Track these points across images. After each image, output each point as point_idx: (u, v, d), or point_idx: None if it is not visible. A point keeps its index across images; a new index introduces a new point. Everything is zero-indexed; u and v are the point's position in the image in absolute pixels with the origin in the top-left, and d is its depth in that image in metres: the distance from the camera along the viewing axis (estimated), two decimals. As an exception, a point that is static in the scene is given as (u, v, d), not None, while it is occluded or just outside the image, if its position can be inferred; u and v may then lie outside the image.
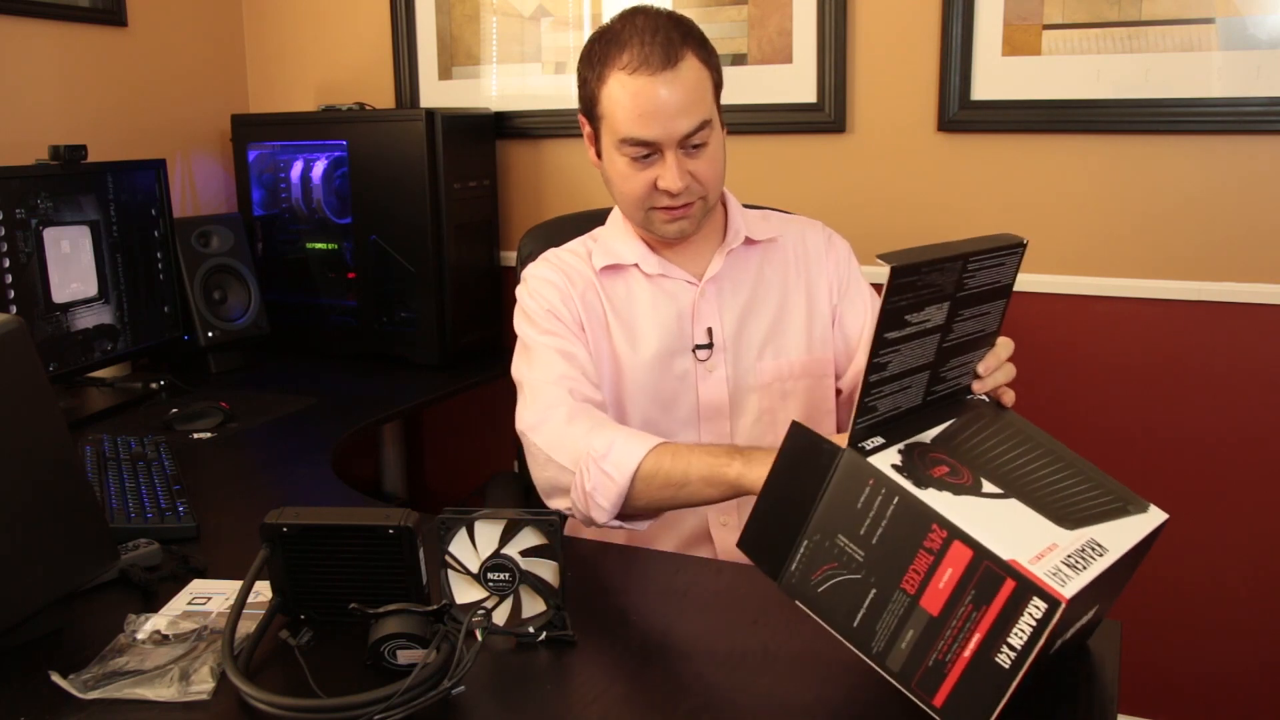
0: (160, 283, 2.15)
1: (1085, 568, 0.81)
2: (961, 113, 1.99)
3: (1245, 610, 1.94)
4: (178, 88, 2.47)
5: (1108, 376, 1.97)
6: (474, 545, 0.99)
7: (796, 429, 0.92)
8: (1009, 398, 1.08)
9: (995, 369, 1.06)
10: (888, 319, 0.87)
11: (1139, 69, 1.86)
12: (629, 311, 1.43)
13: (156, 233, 2.14)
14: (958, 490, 0.87)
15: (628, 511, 1.25)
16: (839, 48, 2.05)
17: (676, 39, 1.29)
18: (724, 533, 1.41)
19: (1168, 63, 1.84)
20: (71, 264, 1.92)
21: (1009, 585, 0.79)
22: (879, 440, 0.90)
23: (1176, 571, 1.95)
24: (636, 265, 1.43)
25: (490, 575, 0.99)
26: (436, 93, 2.46)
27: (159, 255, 2.14)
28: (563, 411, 1.29)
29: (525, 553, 0.99)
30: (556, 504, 1.31)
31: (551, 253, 1.49)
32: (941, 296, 0.92)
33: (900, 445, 0.91)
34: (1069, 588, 0.77)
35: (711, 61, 1.35)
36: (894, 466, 0.87)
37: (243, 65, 2.65)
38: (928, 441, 0.93)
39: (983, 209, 2.02)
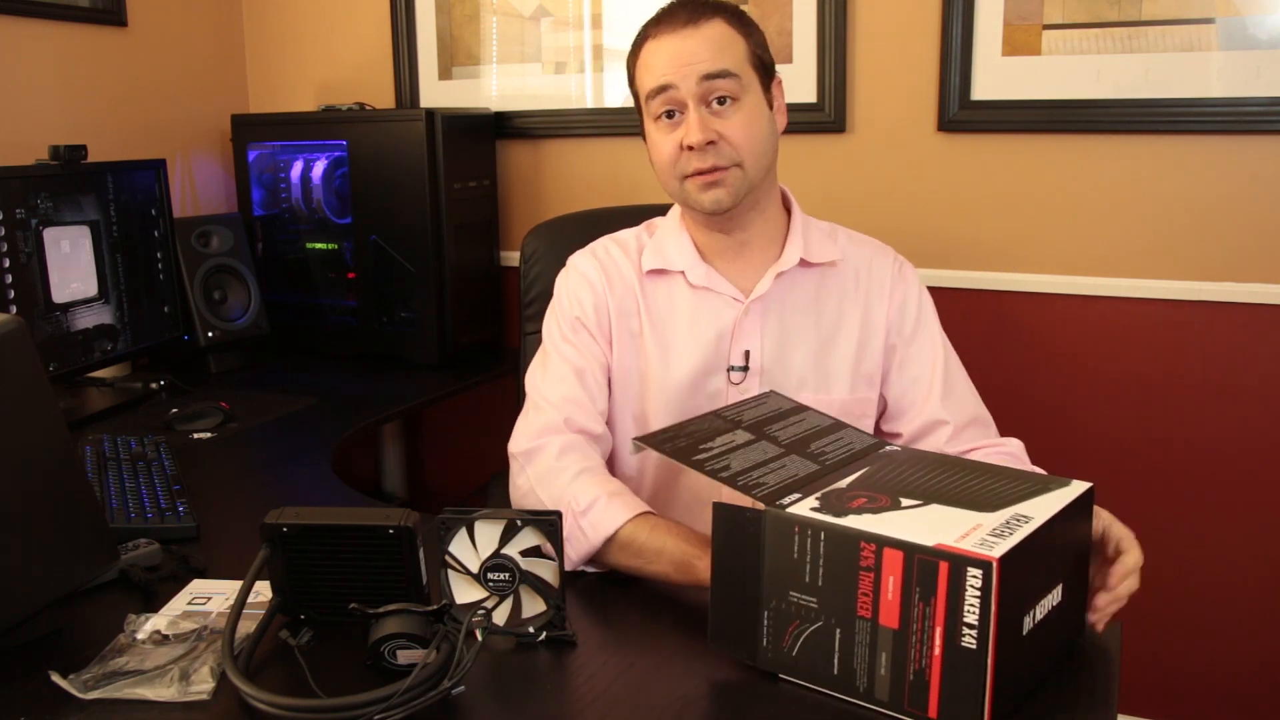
0: (160, 283, 2.15)
1: (1011, 534, 0.85)
2: (961, 113, 1.99)
3: (1245, 610, 1.94)
4: (178, 88, 2.47)
5: (1107, 376, 1.97)
6: (474, 545, 0.99)
7: (718, 509, 0.95)
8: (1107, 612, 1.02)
9: (1121, 582, 1.01)
10: (677, 456, 1.03)
11: (1139, 69, 1.86)
12: (667, 324, 1.36)
13: (156, 233, 2.14)
14: (877, 511, 0.91)
15: (593, 563, 1.20)
16: (839, 48, 2.05)
17: (707, 7, 1.28)
18: None
19: (1168, 63, 1.84)
20: (71, 264, 1.92)
21: (944, 567, 0.82)
22: (795, 495, 0.95)
23: (1176, 571, 1.95)
24: (683, 274, 1.35)
25: (490, 575, 0.99)
26: (436, 93, 2.46)
27: (159, 255, 2.14)
28: (555, 446, 1.25)
29: (525, 553, 0.99)
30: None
31: (603, 243, 1.42)
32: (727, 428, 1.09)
33: (817, 494, 0.96)
34: (996, 550, 0.81)
35: (748, 31, 1.30)
36: (813, 509, 0.92)
37: (243, 65, 2.66)
38: (844, 486, 0.98)
39: (983, 209, 2.02)
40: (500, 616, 1.00)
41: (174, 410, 1.81)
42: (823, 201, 2.09)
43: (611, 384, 1.37)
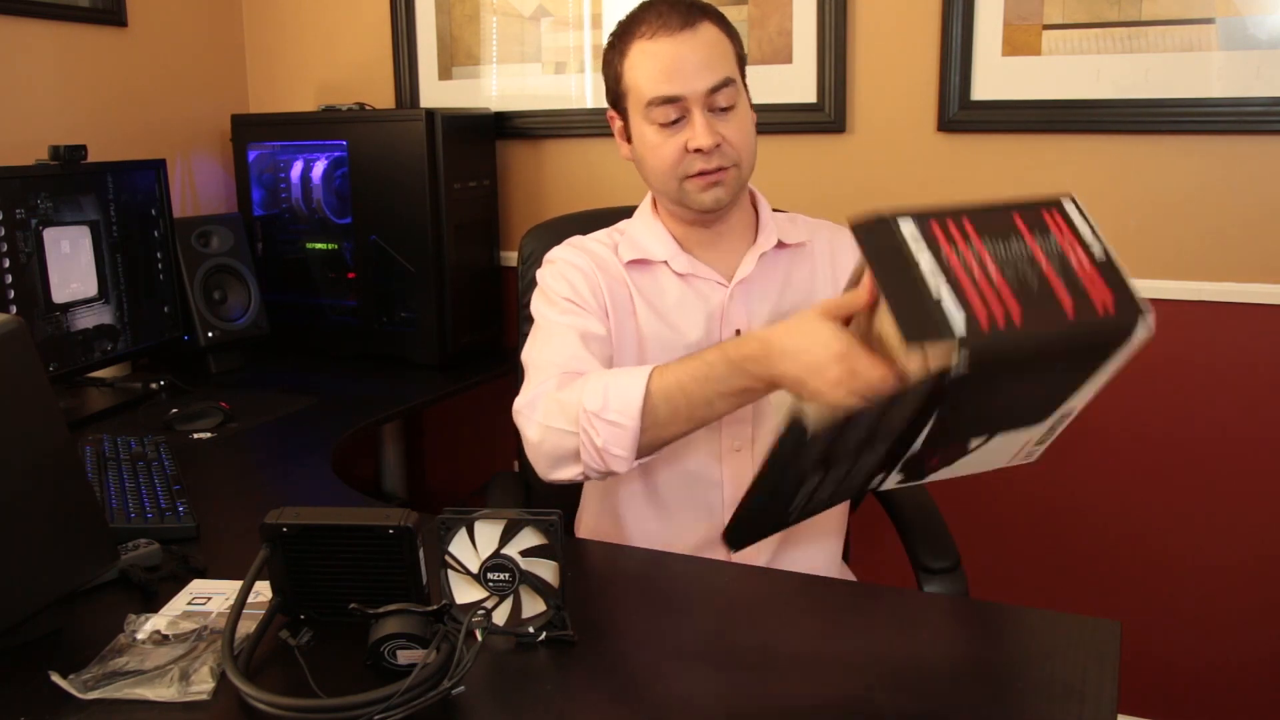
0: (160, 283, 2.15)
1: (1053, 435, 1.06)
2: (961, 113, 1.99)
3: (1245, 610, 1.94)
4: (178, 88, 2.47)
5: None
6: (474, 545, 0.99)
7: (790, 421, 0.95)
8: None
9: None
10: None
11: (1139, 69, 1.86)
12: (659, 307, 1.39)
13: (156, 233, 2.14)
14: (951, 462, 1.05)
15: (645, 449, 1.20)
16: (839, 48, 2.05)
17: (695, 9, 1.31)
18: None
19: (1168, 63, 1.84)
20: (71, 264, 1.92)
21: None
22: (880, 475, 1.05)
23: (1176, 571, 1.96)
24: (666, 263, 1.39)
25: (490, 575, 0.99)
26: (436, 93, 2.46)
27: (159, 255, 2.14)
28: (552, 383, 1.26)
29: (525, 553, 0.99)
30: (564, 474, 1.24)
31: (575, 240, 1.46)
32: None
33: (898, 466, 1.03)
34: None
35: (732, 34, 1.34)
36: (899, 483, 1.06)
37: (243, 65, 2.65)
38: (918, 449, 1.01)
39: (983, 209, 2.02)
40: (500, 616, 1.00)
41: (174, 410, 1.81)
42: (822, 201, 2.09)
43: (613, 355, 1.37)
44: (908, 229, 0.92)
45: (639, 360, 1.38)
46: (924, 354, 0.88)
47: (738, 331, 1.38)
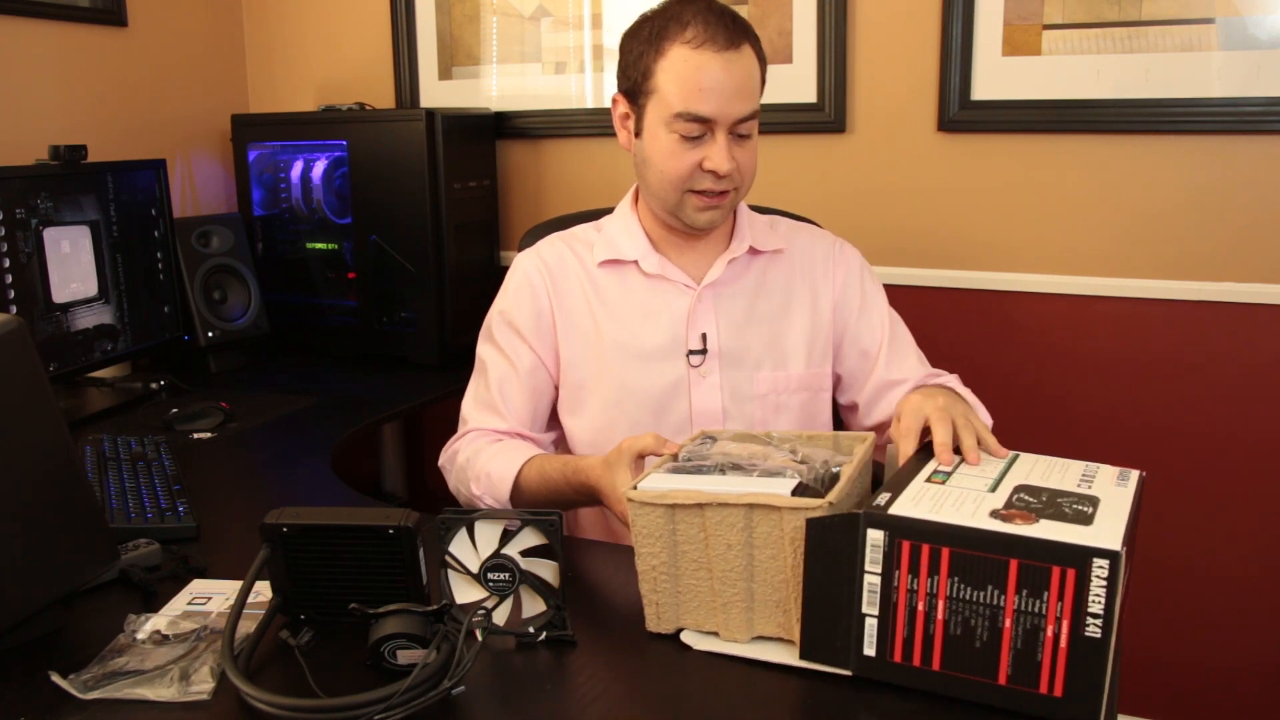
0: (160, 283, 2.15)
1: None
2: (961, 113, 1.99)
3: (1245, 610, 1.94)
4: (178, 88, 2.47)
5: (1108, 377, 1.97)
6: (474, 545, 0.99)
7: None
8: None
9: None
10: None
11: (1139, 69, 1.85)
12: (622, 312, 1.42)
13: (156, 233, 2.14)
14: None
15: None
16: (839, 48, 2.05)
17: (739, 27, 1.31)
18: None
19: (1168, 63, 1.84)
20: (71, 264, 1.92)
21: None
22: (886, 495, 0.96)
23: (1175, 570, 1.95)
24: (636, 263, 1.42)
25: (490, 575, 0.99)
26: (436, 93, 2.46)
27: (159, 255, 2.14)
28: (463, 444, 1.43)
29: (525, 553, 0.99)
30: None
31: (552, 240, 1.49)
32: None
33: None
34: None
35: (764, 61, 1.35)
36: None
37: (243, 65, 2.65)
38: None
39: (983, 209, 2.02)
40: (500, 616, 1.00)
41: (174, 410, 1.81)
42: (823, 201, 2.09)
43: (561, 380, 1.45)
44: (874, 538, 0.88)
45: (599, 364, 1.42)
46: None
47: (704, 336, 1.40)
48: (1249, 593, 1.93)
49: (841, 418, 1.53)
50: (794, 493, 0.97)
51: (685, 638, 1.00)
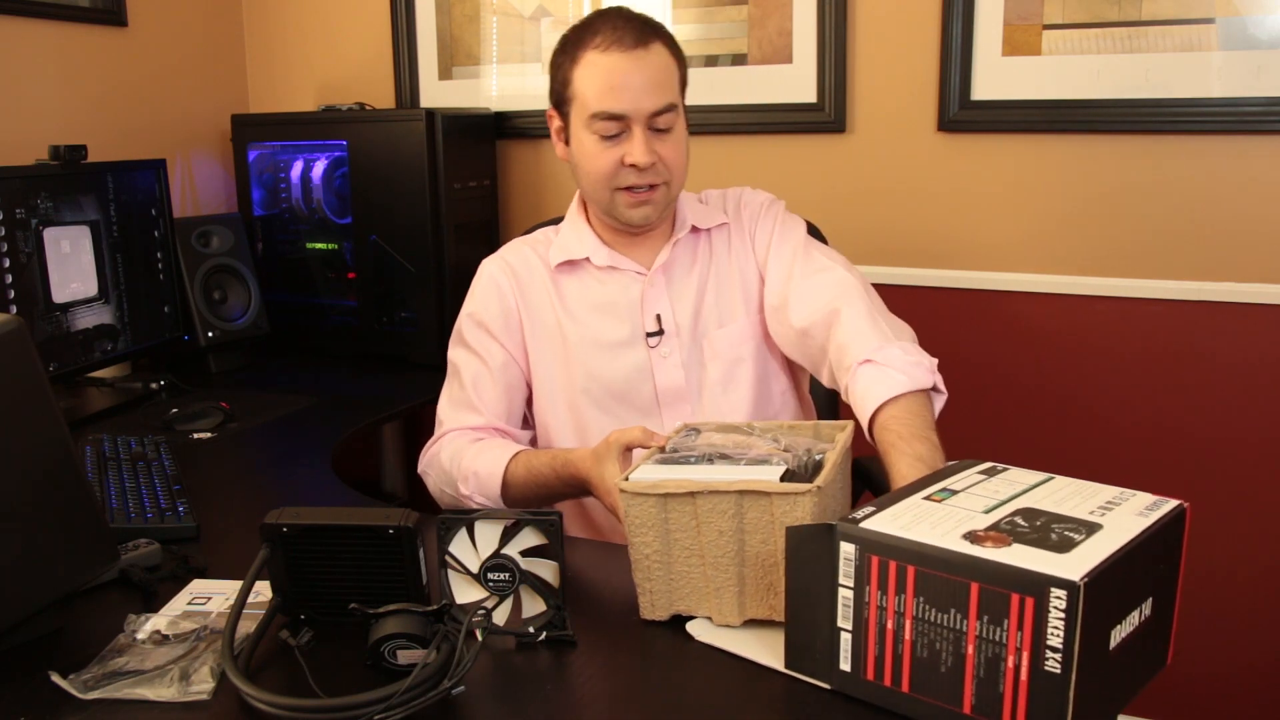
0: (160, 283, 2.15)
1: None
2: (961, 113, 1.99)
3: (1246, 610, 1.94)
4: (178, 88, 2.47)
5: (1108, 377, 1.97)
6: (474, 545, 0.99)
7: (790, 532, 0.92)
8: None
9: None
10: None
11: (1139, 69, 1.86)
12: (581, 309, 1.47)
13: (156, 233, 2.14)
14: None
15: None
16: (839, 48, 2.05)
17: (648, 28, 1.37)
18: None
19: (1168, 63, 1.84)
20: (71, 264, 1.92)
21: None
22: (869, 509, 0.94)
23: (1176, 571, 1.95)
24: (588, 259, 1.47)
25: (490, 575, 0.99)
26: (436, 93, 2.46)
27: (159, 255, 2.14)
28: (442, 444, 1.46)
29: (525, 553, 0.99)
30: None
31: (515, 244, 1.54)
32: None
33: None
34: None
35: (679, 57, 1.41)
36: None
37: (243, 65, 2.65)
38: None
39: (983, 209, 2.02)
40: (500, 616, 1.00)
41: (174, 410, 1.81)
42: (822, 201, 2.09)
43: (531, 377, 1.50)
44: (846, 551, 0.87)
45: (565, 360, 1.47)
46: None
47: (659, 317, 1.45)
48: (1250, 592, 1.93)
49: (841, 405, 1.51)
50: (782, 479, 0.99)
51: (690, 628, 1.02)
